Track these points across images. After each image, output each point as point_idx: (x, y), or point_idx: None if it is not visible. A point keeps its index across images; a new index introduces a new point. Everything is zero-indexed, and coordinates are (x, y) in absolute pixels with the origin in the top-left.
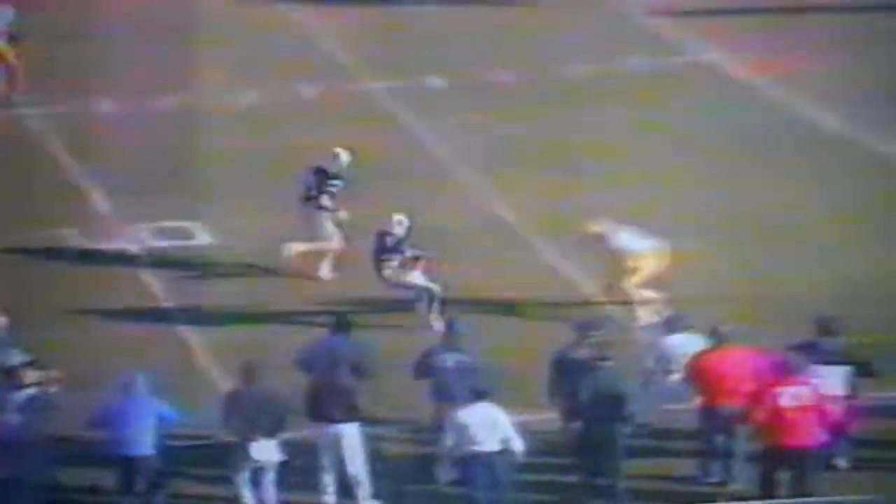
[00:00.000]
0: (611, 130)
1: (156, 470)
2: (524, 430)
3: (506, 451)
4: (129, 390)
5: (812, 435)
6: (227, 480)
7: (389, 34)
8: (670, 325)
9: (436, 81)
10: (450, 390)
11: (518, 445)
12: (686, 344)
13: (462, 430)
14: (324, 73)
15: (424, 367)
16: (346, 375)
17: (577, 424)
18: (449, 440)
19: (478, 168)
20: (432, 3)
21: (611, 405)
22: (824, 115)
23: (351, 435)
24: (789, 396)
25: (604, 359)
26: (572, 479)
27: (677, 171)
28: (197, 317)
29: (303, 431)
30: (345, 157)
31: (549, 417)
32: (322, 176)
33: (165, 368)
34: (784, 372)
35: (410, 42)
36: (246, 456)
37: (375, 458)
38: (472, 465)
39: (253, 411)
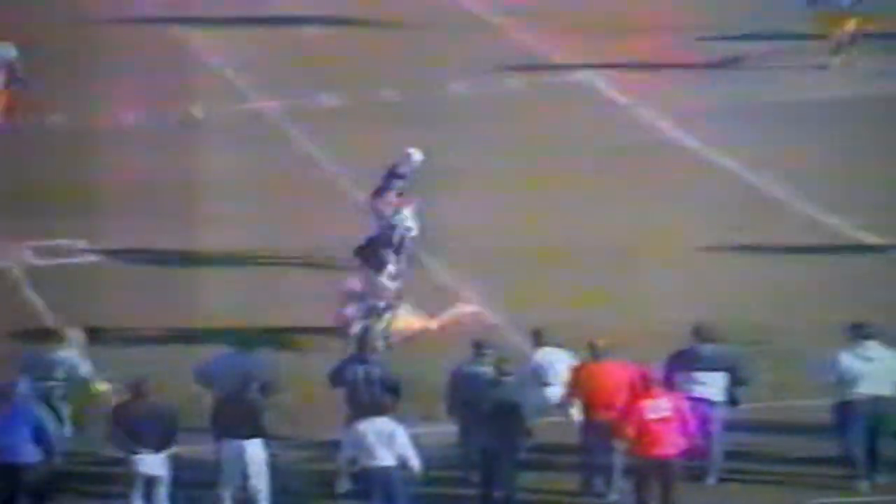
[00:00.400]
0: (490, 147)
1: (40, 480)
2: (422, 442)
3: (403, 467)
4: (8, 398)
5: (674, 445)
6: (121, 496)
7: (279, 55)
8: (538, 339)
9: (326, 99)
10: (359, 401)
11: (415, 463)
12: (554, 357)
13: (358, 443)
14: (215, 92)
15: (337, 377)
16: (252, 392)
17: (474, 438)
18: (346, 453)
19: (367, 184)
20: (320, 25)
21: (509, 419)
22: (689, 136)
23: (255, 451)
24: (652, 408)
25: (504, 374)
26: (469, 491)
27: (553, 186)
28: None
29: (203, 447)
30: (417, 156)
31: (448, 430)
32: (391, 174)
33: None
34: (648, 384)
35: (300, 62)
36: (132, 470)
37: (277, 474)
38: (368, 479)
39: (139, 425)
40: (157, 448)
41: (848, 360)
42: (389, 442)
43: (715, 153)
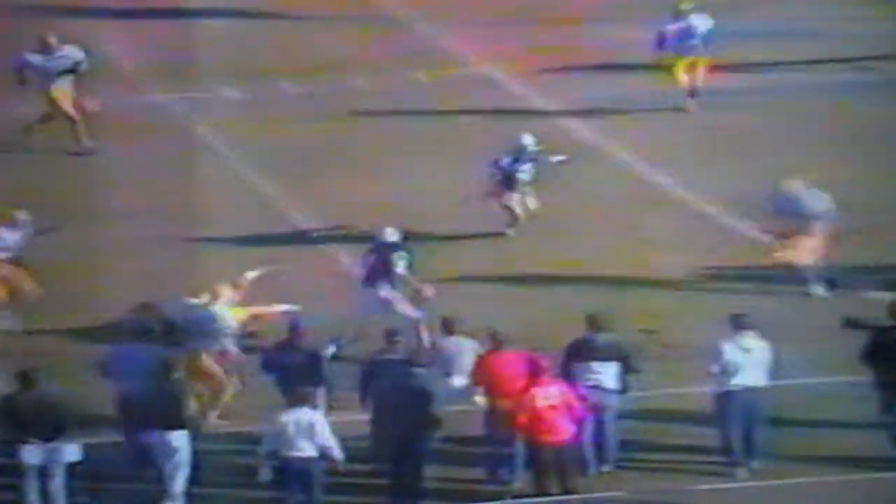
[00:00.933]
0: (395, 139)
1: None
2: (339, 432)
3: (324, 457)
4: None
5: (565, 431)
6: (15, 488)
7: (183, 47)
8: (447, 328)
9: (228, 93)
10: (289, 388)
11: (337, 454)
12: (462, 346)
13: (279, 434)
14: (115, 84)
15: (270, 363)
16: (172, 382)
17: (385, 427)
18: (267, 445)
19: (274, 175)
20: (222, 18)
21: (420, 409)
22: (586, 128)
23: (176, 442)
24: (542, 396)
25: (416, 364)
26: (378, 481)
27: (455, 176)
28: None
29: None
30: (528, 140)
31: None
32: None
33: None
34: (538, 372)
35: (205, 54)
36: (22, 461)
37: (202, 465)
38: (288, 469)
39: (28, 416)
40: (47, 438)
41: (729, 350)
42: (310, 432)
43: (610, 146)
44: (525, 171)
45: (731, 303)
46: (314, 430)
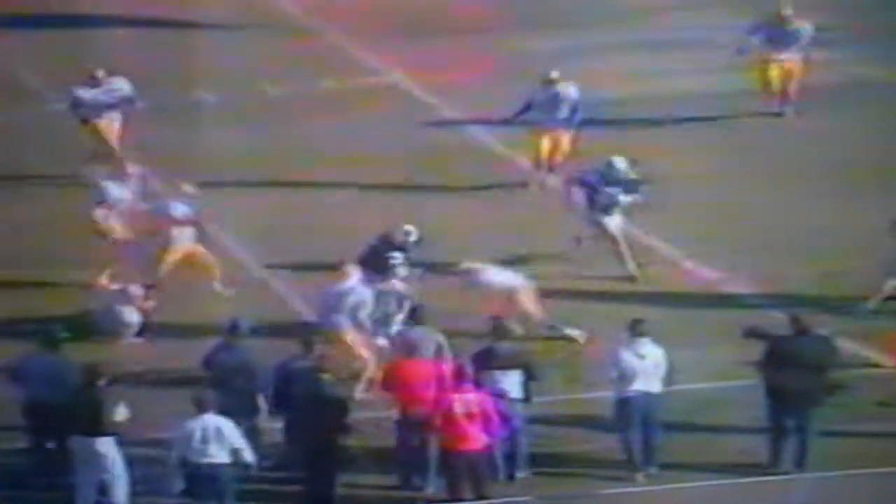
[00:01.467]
0: (308, 146)
1: None
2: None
3: (236, 463)
4: None
5: (480, 439)
6: None
7: (84, 57)
8: (415, 316)
9: (138, 101)
10: (222, 388)
11: (249, 457)
12: (425, 338)
13: (187, 440)
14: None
15: (208, 363)
16: (98, 388)
17: (298, 434)
18: (176, 451)
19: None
20: (132, 26)
21: (333, 415)
22: (491, 136)
23: (104, 448)
24: (460, 403)
25: (323, 371)
26: (292, 488)
27: (366, 184)
28: None
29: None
30: (620, 164)
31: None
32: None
33: None
34: (461, 378)
35: (109, 64)
36: None
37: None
38: (197, 476)
39: None
40: None
41: (626, 356)
42: (219, 437)
43: (516, 154)
44: (616, 194)
45: (633, 309)
46: (223, 435)
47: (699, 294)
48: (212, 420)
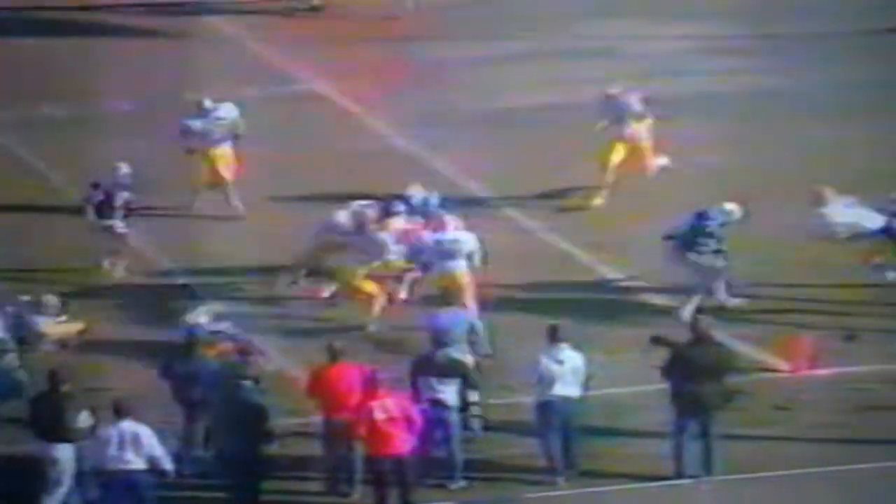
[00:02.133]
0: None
1: None
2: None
3: (153, 471)
4: None
5: (403, 444)
6: None
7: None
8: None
9: (49, 110)
10: (184, 395)
11: (167, 465)
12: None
13: (103, 448)
14: None
15: (164, 370)
16: (62, 396)
17: (221, 441)
18: (91, 460)
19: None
20: (44, 36)
21: (253, 422)
22: (413, 143)
23: (62, 454)
24: (380, 409)
25: (245, 377)
26: (215, 495)
27: (288, 194)
28: None
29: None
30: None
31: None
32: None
33: None
34: (373, 385)
35: (20, 72)
36: None
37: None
38: (114, 483)
39: None
40: None
41: (545, 362)
42: (136, 444)
43: (434, 159)
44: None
45: (553, 315)
46: (140, 442)
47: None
48: (129, 427)
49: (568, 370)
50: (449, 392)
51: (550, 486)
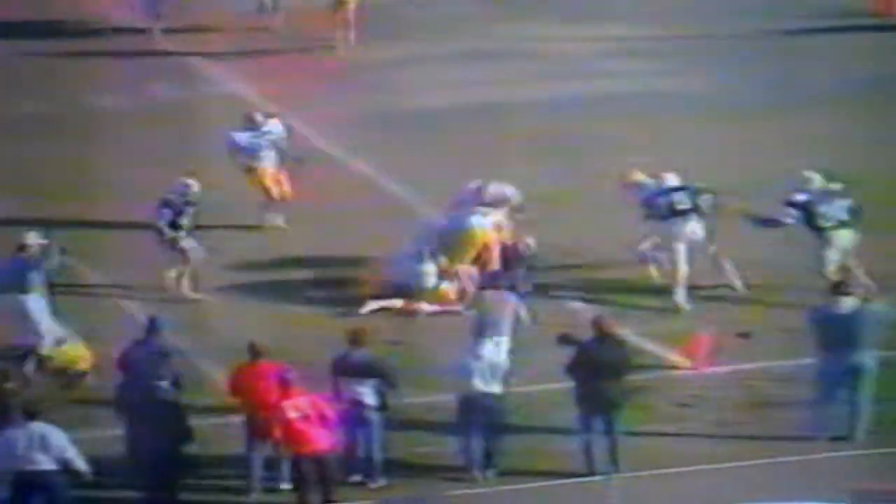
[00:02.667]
0: (140, 159)
1: None
2: (89, 445)
3: (65, 471)
4: None
5: (320, 441)
6: None
7: None
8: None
9: None
10: (143, 383)
11: (81, 465)
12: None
13: (10, 450)
14: None
15: (123, 360)
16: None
17: (138, 440)
18: None
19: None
20: None
21: (170, 421)
22: (332, 145)
23: None
24: (292, 407)
25: (156, 377)
26: (134, 495)
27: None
28: None
29: None
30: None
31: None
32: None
33: None
34: (285, 384)
35: None
36: None
37: None
38: (23, 484)
39: None
40: None
41: (465, 357)
42: (44, 445)
43: (354, 161)
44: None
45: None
46: (48, 443)
47: None
48: (38, 428)
49: (487, 365)
50: (366, 392)
51: (470, 484)
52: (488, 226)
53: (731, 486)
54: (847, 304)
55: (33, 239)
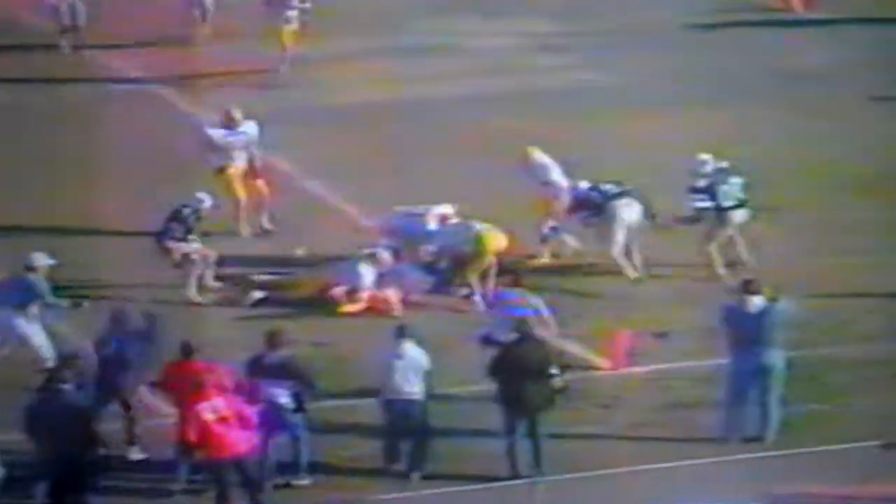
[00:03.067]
0: (55, 159)
1: None
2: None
3: None
4: None
5: (241, 443)
6: None
7: None
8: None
9: None
10: (110, 379)
11: None
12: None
13: None
14: None
15: (96, 353)
16: None
17: (44, 446)
18: None
19: None
20: None
21: (74, 427)
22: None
23: None
24: (209, 409)
25: (61, 381)
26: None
27: (123, 196)
28: None
29: None
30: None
31: None
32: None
33: None
34: (199, 386)
35: None
36: None
37: None
38: None
39: None
40: None
41: (388, 360)
42: None
43: (274, 158)
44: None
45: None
46: None
47: None
48: None
49: (409, 367)
50: (282, 394)
51: (395, 487)
52: (494, 230)
53: (651, 488)
54: (755, 303)
55: (40, 260)
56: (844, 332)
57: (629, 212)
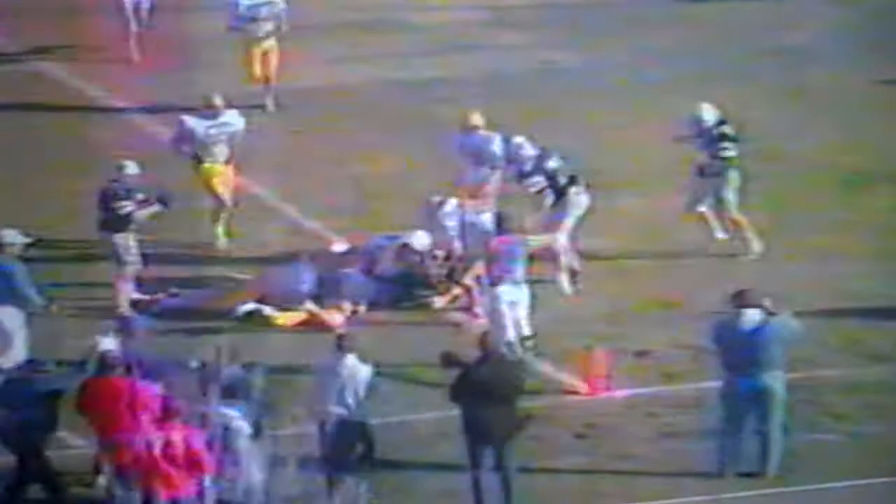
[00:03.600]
0: None
1: None
2: None
3: None
4: None
5: (186, 485)
6: None
7: None
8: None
9: None
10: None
11: None
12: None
13: None
14: None
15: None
16: None
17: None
18: None
19: None
20: None
21: (35, 432)
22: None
23: None
24: (160, 442)
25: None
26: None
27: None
28: None
29: None
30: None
31: None
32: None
33: None
34: (169, 414)
35: None
36: None
37: None
38: None
39: None
40: None
41: (327, 373)
42: None
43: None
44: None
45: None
46: None
47: None
48: None
49: (347, 383)
50: (235, 415)
51: None
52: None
53: None
54: (751, 318)
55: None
56: (853, 351)
57: (579, 201)
